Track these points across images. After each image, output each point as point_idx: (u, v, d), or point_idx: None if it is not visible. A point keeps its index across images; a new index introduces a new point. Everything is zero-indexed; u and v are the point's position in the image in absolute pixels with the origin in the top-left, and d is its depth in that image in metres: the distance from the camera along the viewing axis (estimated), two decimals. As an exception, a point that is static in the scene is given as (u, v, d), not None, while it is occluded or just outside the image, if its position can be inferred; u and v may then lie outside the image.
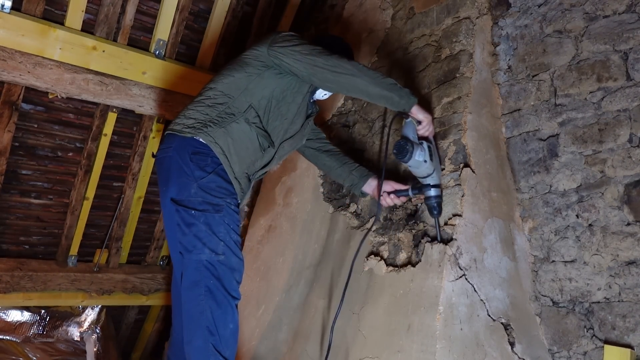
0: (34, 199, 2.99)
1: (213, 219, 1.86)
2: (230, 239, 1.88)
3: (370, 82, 1.86)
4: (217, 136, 1.91)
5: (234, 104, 1.95)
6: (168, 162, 1.93)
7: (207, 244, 1.84)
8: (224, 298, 1.84)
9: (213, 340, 1.81)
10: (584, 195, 1.81)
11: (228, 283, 1.86)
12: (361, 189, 2.19)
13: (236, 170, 1.94)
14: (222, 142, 1.91)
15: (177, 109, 2.86)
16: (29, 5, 2.36)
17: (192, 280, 1.84)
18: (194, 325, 1.83)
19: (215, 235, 1.85)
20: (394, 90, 1.87)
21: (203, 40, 2.91)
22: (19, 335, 3.33)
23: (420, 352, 1.68)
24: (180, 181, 1.88)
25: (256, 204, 3.14)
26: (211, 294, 1.83)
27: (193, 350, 1.82)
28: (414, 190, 1.97)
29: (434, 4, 2.30)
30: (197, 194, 1.86)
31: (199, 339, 1.81)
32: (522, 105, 2.04)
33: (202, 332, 1.81)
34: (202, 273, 1.83)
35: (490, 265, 1.84)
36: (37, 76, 2.44)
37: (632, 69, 1.72)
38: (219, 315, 1.83)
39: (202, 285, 1.83)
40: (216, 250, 1.85)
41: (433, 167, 1.90)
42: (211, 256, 1.84)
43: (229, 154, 1.92)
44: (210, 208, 1.86)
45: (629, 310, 1.65)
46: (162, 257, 3.66)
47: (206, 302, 1.82)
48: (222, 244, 1.86)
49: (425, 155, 1.86)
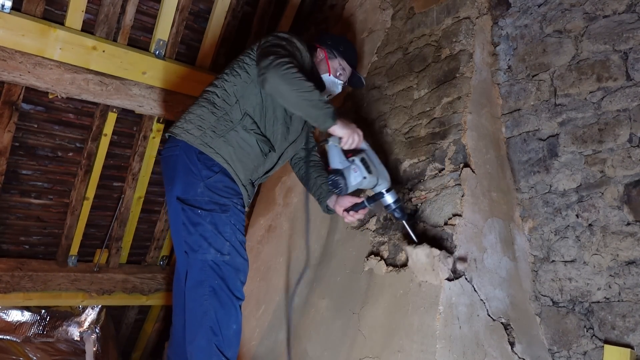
0: (34, 199, 2.99)
1: (220, 218, 1.86)
2: (236, 239, 1.89)
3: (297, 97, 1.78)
4: (218, 146, 1.91)
5: (231, 111, 1.95)
6: (174, 161, 1.93)
7: (213, 244, 1.84)
8: (228, 299, 1.84)
9: (216, 340, 1.81)
10: (584, 195, 1.81)
11: (232, 284, 1.86)
12: (326, 204, 2.16)
13: (242, 178, 1.95)
14: (224, 151, 1.91)
15: (177, 109, 2.86)
16: (29, 5, 2.37)
17: (197, 279, 1.85)
18: (197, 324, 1.83)
19: (221, 235, 1.85)
20: (315, 108, 1.79)
21: (203, 40, 2.92)
22: (19, 335, 3.33)
23: (420, 352, 1.68)
24: (186, 180, 1.88)
25: (256, 204, 3.14)
26: (215, 294, 1.83)
27: (195, 349, 1.82)
28: (369, 201, 1.91)
29: (434, 4, 2.30)
30: (203, 193, 1.86)
31: (202, 339, 1.82)
32: (522, 105, 2.04)
33: (206, 331, 1.81)
34: (207, 273, 1.84)
35: (490, 265, 1.84)
36: (37, 76, 2.44)
37: (632, 69, 1.72)
38: (223, 315, 1.83)
39: (207, 285, 1.83)
40: (222, 251, 1.85)
41: (376, 176, 1.84)
42: (216, 256, 1.84)
43: (232, 162, 1.92)
44: (217, 208, 1.86)
45: (628, 310, 1.65)
46: (162, 257, 3.67)
47: (210, 302, 1.82)
48: (227, 244, 1.86)
49: (361, 172, 1.81)
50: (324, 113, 1.79)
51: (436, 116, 2.09)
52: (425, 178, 2.04)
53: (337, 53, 2.16)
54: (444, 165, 1.98)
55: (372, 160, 1.88)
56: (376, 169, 1.87)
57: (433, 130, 2.09)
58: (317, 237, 2.47)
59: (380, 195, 1.85)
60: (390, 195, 1.85)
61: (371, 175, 1.83)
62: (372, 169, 1.85)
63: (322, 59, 2.15)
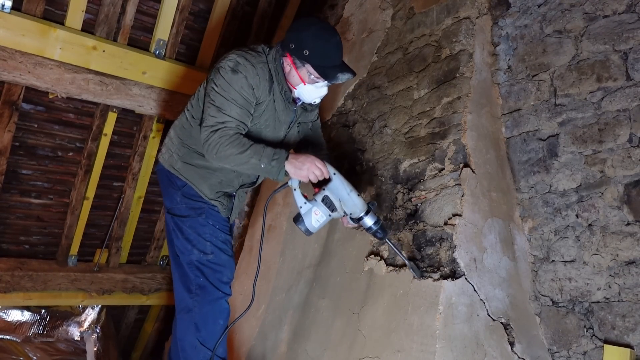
0: (34, 199, 3.00)
1: (197, 221, 2.01)
2: (216, 239, 2.02)
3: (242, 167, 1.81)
4: (183, 169, 2.03)
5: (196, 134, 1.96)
6: (160, 175, 2.13)
7: (196, 245, 1.99)
8: (212, 295, 1.97)
9: (199, 336, 1.95)
10: (584, 195, 1.81)
11: (217, 280, 1.99)
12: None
13: (207, 194, 2.03)
14: (188, 174, 2.02)
15: (177, 109, 2.87)
16: (30, 5, 2.37)
17: (184, 279, 2.00)
18: (185, 321, 1.98)
19: (201, 237, 2.00)
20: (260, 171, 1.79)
21: (203, 40, 2.92)
22: (19, 334, 3.34)
23: (420, 352, 1.68)
24: (168, 192, 2.08)
25: (256, 204, 3.14)
26: (201, 291, 1.97)
27: (185, 346, 1.97)
28: (352, 220, 1.86)
29: (434, 4, 2.30)
30: (181, 201, 2.03)
31: (189, 335, 1.96)
32: (522, 105, 2.04)
33: (191, 328, 1.96)
34: (193, 272, 1.98)
35: (490, 265, 1.85)
36: (37, 76, 2.44)
37: (632, 69, 1.73)
38: (208, 311, 1.96)
39: (193, 283, 1.98)
40: (204, 250, 1.99)
41: (348, 204, 1.80)
42: (200, 256, 1.99)
43: (195, 181, 2.02)
44: (192, 212, 2.02)
45: (628, 310, 1.65)
46: (162, 257, 3.67)
47: (196, 299, 1.97)
48: (209, 244, 2.00)
49: (323, 212, 1.80)
50: (271, 170, 1.78)
51: (436, 116, 2.09)
52: (425, 178, 2.04)
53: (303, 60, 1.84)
54: (443, 165, 1.98)
55: (337, 194, 1.81)
56: (343, 202, 1.81)
57: (433, 130, 2.09)
58: (317, 237, 2.46)
59: (360, 220, 1.82)
60: (369, 218, 1.81)
61: (336, 212, 1.82)
62: (337, 205, 1.81)
63: (289, 71, 1.90)
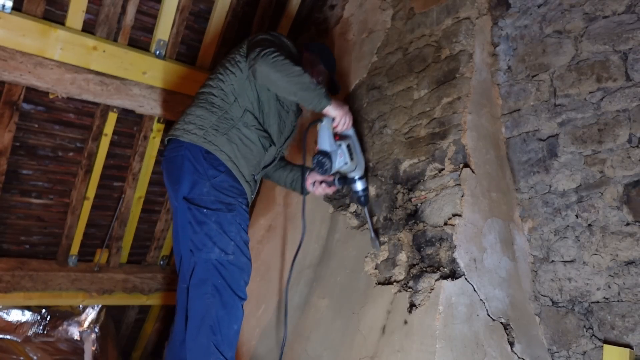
0: (34, 199, 3.00)
1: (225, 217, 1.88)
2: (240, 239, 1.91)
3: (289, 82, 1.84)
4: (221, 143, 1.93)
5: (231, 109, 1.98)
6: (180, 161, 1.94)
7: (218, 243, 1.86)
8: (230, 298, 1.86)
9: (215, 339, 1.82)
10: (584, 196, 1.81)
11: (235, 283, 1.88)
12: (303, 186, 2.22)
13: (245, 174, 1.98)
14: (227, 148, 1.93)
15: (177, 109, 2.87)
16: (30, 5, 2.37)
17: (200, 278, 1.86)
18: (198, 322, 1.85)
19: (226, 235, 1.87)
20: (308, 90, 1.86)
21: (203, 40, 2.92)
22: (19, 334, 3.33)
23: (420, 352, 1.69)
24: (193, 179, 1.90)
25: (256, 204, 3.14)
26: (218, 293, 1.84)
27: (195, 347, 1.84)
28: (340, 181, 2.04)
29: (434, 4, 2.31)
30: (210, 192, 1.88)
31: (202, 337, 1.83)
32: (522, 106, 2.04)
33: (206, 330, 1.83)
34: (211, 272, 1.85)
35: (490, 265, 1.85)
36: (37, 76, 2.44)
37: (632, 70, 1.73)
38: (224, 315, 1.84)
39: (210, 284, 1.85)
40: (226, 250, 1.87)
41: (355, 164, 1.98)
42: (220, 255, 1.86)
43: (236, 159, 1.94)
44: (223, 207, 1.88)
45: (628, 310, 1.66)
46: (163, 257, 3.67)
47: (212, 301, 1.84)
48: (232, 243, 1.88)
49: (345, 157, 1.94)
50: (318, 94, 1.88)
51: (436, 116, 2.09)
52: (425, 178, 2.04)
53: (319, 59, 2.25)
54: (443, 165, 1.98)
55: (355, 148, 2.01)
56: (357, 157, 2.00)
57: (433, 130, 2.09)
58: (317, 237, 2.47)
59: (352, 181, 2.00)
60: (361, 183, 2.00)
61: (352, 162, 1.97)
62: (354, 157, 1.98)
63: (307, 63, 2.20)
